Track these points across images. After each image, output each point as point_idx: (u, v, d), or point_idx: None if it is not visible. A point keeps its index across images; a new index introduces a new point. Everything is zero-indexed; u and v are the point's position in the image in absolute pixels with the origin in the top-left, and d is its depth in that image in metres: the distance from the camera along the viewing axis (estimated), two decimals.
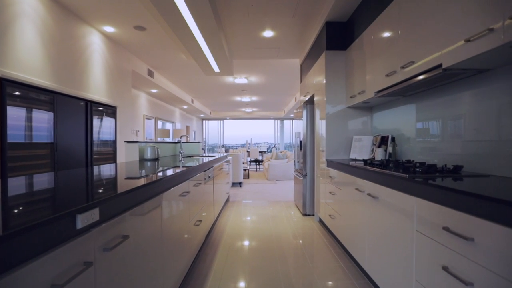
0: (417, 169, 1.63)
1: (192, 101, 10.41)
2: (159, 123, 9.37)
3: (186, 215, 2.04)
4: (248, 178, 8.42)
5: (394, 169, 1.81)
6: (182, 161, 3.10)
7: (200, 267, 2.39)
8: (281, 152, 9.79)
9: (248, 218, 3.98)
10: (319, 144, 3.60)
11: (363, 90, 2.70)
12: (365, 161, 2.38)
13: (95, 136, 4.07)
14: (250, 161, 11.31)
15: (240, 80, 7.39)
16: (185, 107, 10.96)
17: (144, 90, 7.38)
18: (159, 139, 9.22)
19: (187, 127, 13.02)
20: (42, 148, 3.04)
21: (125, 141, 3.11)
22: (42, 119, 3.05)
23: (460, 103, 1.83)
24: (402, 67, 1.94)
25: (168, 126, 10.33)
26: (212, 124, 16.86)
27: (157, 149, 3.25)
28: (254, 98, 10.69)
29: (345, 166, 2.56)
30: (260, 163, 11.10)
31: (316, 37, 3.78)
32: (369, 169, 2.00)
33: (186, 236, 2.02)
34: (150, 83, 6.53)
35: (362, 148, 3.03)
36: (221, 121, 16.74)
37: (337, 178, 2.78)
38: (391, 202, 1.65)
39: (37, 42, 3.00)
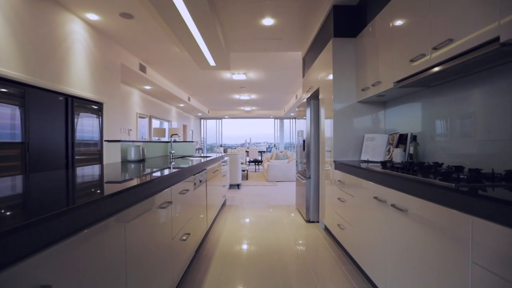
0: (461, 176, 1.26)
1: (189, 99, 10.03)
2: (155, 122, 8.99)
3: (168, 230, 1.67)
4: (247, 179, 8.05)
5: (424, 174, 1.43)
6: (173, 162, 2.73)
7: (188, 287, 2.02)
8: (281, 152, 9.42)
9: (246, 225, 3.60)
10: (325, 144, 3.23)
11: (378, 80, 2.33)
12: (383, 163, 2.01)
13: (78, 135, 3.69)
14: (249, 162, 10.94)
15: (238, 76, 7.01)
16: (181, 105, 10.58)
17: (137, 87, 7.00)
18: (155, 139, 8.85)
19: (184, 126, 12.64)
20: (8, 148, 2.66)
21: (105, 140, 2.74)
22: (9, 115, 2.67)
23: (505, 92, 1.46)
24: (435, 48, 1.56)
25: (164, 125, 9.95)
26: (211, 123, 16.48)
27: (143, 149, 2.88)
28: (253, 96, 10.31)
29: (358, 170, 2.19)
30: (260, 163, 10.73)
31: (322, 25, 3.40)
32: (392, 174, 1.62)
33: (168, 256, 1.64)
34: (142, 79, 6.15)
35: (375, 148, 2.66)
36: (220, 120, 16.37)
37: (348, 183, 2.41)
38: (428, 218, 1.28)
39: (2, 28, 2.62)
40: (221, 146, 16.07)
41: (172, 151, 3.55)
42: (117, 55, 4.77)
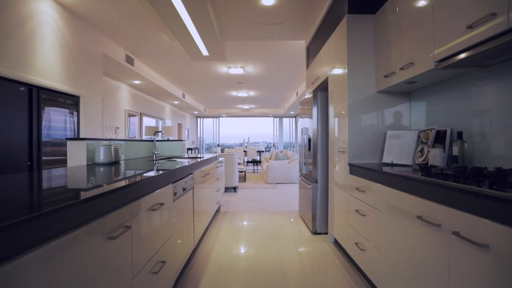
0: None
1: (184, 96, 9.50)
2: (149, 120, 8.46)
3: (126, 267, 1.15)
4: (245, 181, 7.53)
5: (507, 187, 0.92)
6: (156, 165, 2.22)
7: None
8: (281, 152, 8.91)
9: (242, 237, 3.09)
10: (336, 143, 2.72)
11: (410, 62, 1.82)
12: (423, 168, 1.50)
13: (45, 132, 3.16)
14: (247, 162, 10.42)
15: (235, 70, 6.49)
16: (176, 102, 10.05)
17: (125, 81, 6.47)
18: (147, 138, 8.32)
19: (179, 125, 12.11)
20: None
21: (66, 139, 2.21)
22: None
23: None
24: None
25: (158, 123, 9.42)
26: (207, 122, 15.95)
27: (116, 149, 2.36)
28: (252, 93, 9.80)
29: (387, 176, 1.68)
30: (258, 163, 10.22)
31: (331, 3, 2.89)
32: (449, 186, 1.11)
33: None
34: (130, 72, 5.61)
35: (401, 148, 2.15)
36: (217, 119, 15.84)
37: (371, 192, 1.90)
38: None
39: None
40: (218, 145, 15.55)
41: (156, 152, 3.03)
42: (98, 43, 4.24)
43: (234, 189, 6.00)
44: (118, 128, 6.27)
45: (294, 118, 15.45)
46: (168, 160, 2.94)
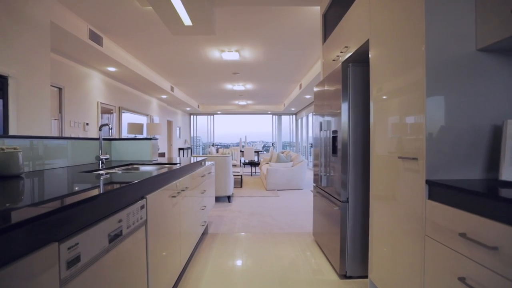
0: None
1: (172, 89, 8.40)
2: (133, 116, 7.35)
3: None
4: (241, 186, 6.46)
5: None
6: (106, 176, 1.16)
7: None
8: (283, 152, 7.85)
9: (235, 285, 2.03)
10: (385, 144, 1.66)
11: None
12: None
13: None
14: (244, 164, 9.36)
15: (230, 55, 5.41)
16: (164, 97, 8.94)
17: (96, 68, 5.35)
18: (129, 136, 7.22)
19: (169, 122, 11.01)
20: None
21: None
22: None
23: None
24: None
25: (143, 120, 8.32)
26: (202, 119, 14.86)
27: (8, 154, 1.28)
28: (249, 86, 8.73)
29: None
30: (256, 165, 9.15)
31: None
32: None
33: None
34: (98, 54, 4.52)
35: None
36: (211, 116, 14.75)
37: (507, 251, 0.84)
38: None
39: None
40: (213, 145, 14.48)
41: (104, 157, 1.96)
42: (43, 7, 3.14)
43: (228, 198, 4.93)
44: (87, 124, 5.16)
45: (294, 116, 14.42)
46: (125, 172, 1.87)
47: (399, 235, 1.52)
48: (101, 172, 1.76)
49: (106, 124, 2.04)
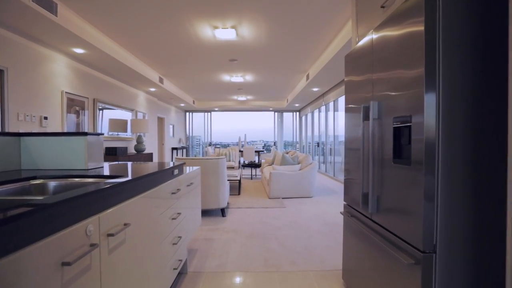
0: None
1: (161, 80, 7.38)
2: (116, 112, 6.33)
3: None
4: (239, 194, 5.44)
5: None
6: None
7: None
8: (288, 152, 6.83)
9: None
10: None
11: None
12: None
13: None
14: (244, 165, 8.34)
15: (225, 33, 4.39)
16: (152, 89, 7.91)
17: (59, 48, 4.32)
18: (110, 134, 6.22)
19: (160, 119, 9.99)
20: None
21: None
22: None
23: None
24: None
25: (128, 116, 7.30)
26: (198, 117, 13.84)
27: None
28: (248, 78, 7.70)
29: None
30: (257, 167, 8.12)
31: None
32: None
33: None
34: (55, 27, 3.49)
35: None
36: (208, 114, 13.73)
37: None
38: None
39: None
40: (210, 144, 13.47)
41: None
42: None
43: (222, 211, 3.91)
44: (45, 118, 4.13)
45: (298, 113, 13.40)
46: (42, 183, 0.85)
47: None
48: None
49: None
